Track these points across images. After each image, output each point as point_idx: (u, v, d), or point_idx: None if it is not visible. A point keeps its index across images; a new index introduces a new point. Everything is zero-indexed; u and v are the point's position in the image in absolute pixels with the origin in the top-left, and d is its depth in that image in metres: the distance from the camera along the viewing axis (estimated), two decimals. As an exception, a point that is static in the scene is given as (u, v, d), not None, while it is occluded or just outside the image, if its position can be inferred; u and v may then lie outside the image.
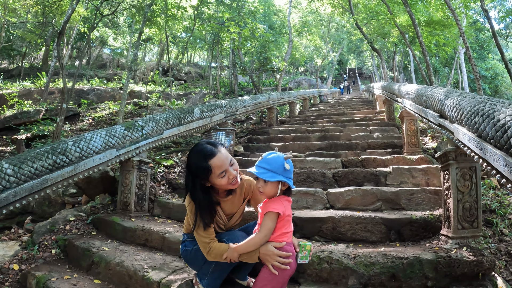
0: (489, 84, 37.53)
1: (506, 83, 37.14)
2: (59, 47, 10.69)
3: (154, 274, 3.29)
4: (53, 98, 16.84)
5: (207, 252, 2.55)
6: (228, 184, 2.60)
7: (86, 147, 4.40)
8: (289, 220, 2.50)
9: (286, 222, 2.47)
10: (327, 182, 5.52)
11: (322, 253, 3.23)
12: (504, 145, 2.25)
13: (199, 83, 30.22)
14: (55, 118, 11.39)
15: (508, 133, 2.20)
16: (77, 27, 24.75)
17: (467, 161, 3.45)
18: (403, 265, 3.03)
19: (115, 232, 4.65)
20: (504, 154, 2.27)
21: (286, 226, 2.47)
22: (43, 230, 4.80)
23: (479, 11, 28.69)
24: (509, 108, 2.33)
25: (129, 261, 3.58)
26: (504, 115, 2.30)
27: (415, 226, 3.93)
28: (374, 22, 22.82)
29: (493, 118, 2.42)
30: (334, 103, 21.06)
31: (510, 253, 3.59)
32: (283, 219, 2.44)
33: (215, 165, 2.51)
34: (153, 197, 5.62)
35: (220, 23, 16.24)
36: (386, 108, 10.22)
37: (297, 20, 36.17)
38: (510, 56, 40.53)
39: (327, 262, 3.15)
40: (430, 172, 5.20)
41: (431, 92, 4.22)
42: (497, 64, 38.28)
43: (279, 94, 12.70)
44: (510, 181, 2.21)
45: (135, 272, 3.38)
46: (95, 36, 31.41)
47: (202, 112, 6.82)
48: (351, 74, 59.23)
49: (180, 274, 3.28)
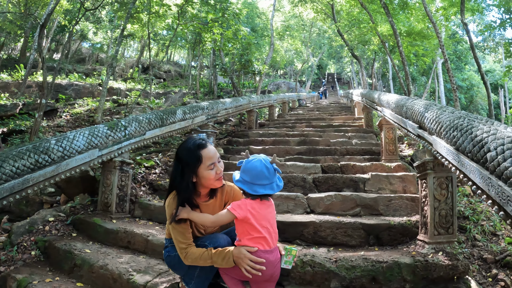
0: (464, 94, 38.46)
1: (481, 93, 38.10)
2: (41, 40, 10.53)
3: (139, 277, 3.29)
4: (31, 92, 16.44)
5: (184, 257, 2.53)
6: (215, 179, 2.60)
7: (69, 147, 4.34)
8: (254, 225, 2.44)
9: (250, 227, 2.45)
10: (307, 187, 5.63)
11: (305, 257, 3.34)
12: (480, 159, 2.43)
13: (178, 82, 29.97)
14: (33, 113, 11.16)
15: (484, 148, 2.37)
16: (58, 20, 24.33)
17: (444, 171, 3.63)
18: (383, 269, 3.19)
19: (97, 233, 4.60)
20: (480, 167, 2.44)
21: (254, 231, 2.45)
22: (22, 230, 4.68)
23: (458, 23, 29.45)
24: (486, 125, 2.51)
25: (113, 264, 3.56)
26: (481, 131, 2.48)
27: (393, 231, 4.11)
28: (355, 29, 23.16)
29: (471, 134, 2.59)
30: (313, 107, 21.21)
31: (482, 257, 3.80)
32: (246, 222, 2.45)
33: (206, 155, 2.55)
34: (134, 198, 5.58)
35: (204, 23, 16.21)
36: (365, 115, 10.43)
37: (280, 23, 36.42)
38: (486, 68, 41.64)
39: (310, 265, 3.28)
40: (407, 179, 5.39)
41: (411, 103, 4.39)
42: (473, 75, 39.26)
43: (259, 97, 12.73)
44: (485, 192, 2.38)
45: (119, 275, 3.36)
46: (76, 29, 30.94)
47: (184, 113, 6.81)
48: (330, 79, 59.50)
49: (165, 277, 3.30)
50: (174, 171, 2.64)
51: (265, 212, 2.50)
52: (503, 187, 2.12)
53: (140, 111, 13.47)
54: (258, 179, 2.46)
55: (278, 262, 2.47)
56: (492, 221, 4.38)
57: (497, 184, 2.18)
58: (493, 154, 2.25)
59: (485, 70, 31.53)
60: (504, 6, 14.06)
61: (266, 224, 2.48)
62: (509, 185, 2.08)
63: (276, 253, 2.48)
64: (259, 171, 2.45)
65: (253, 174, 2.46)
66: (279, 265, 2.48)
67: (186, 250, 2.53)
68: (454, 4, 15.83)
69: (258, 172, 2.45)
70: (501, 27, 14.69)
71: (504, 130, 2.34)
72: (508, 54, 15.41)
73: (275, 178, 2.54)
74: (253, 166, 2.47)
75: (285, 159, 7.20)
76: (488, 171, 2.33)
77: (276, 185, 2.52)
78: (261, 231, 2.43)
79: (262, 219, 2.46)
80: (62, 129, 10.85)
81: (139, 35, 26.97)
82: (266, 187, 2.47)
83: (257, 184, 2.46)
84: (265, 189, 2.46)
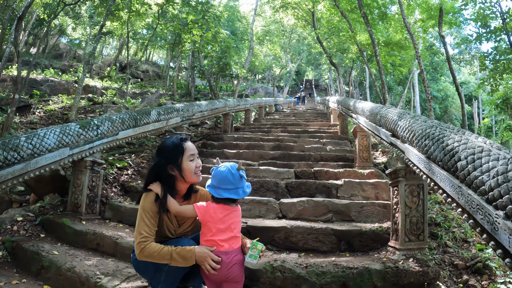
0: (439, 104, 39.36)
1: (455, 104, 39.03)
2: (17, 33, 10.25)
3: (107, 281, 3.22)
4: (5, 86, 16.09)
5: (140, 250, 2.51)
6: (194, 172, 2.72)
7: (39, 144, 4.22)
8: (213, 227, 2.61)
9: (208, 229, 2.62)
10: (280, 192, 5.62)
11: (275, 262, 3.32)
12: (451, 167, 2.45)
13: (156, 83, 29.72)
14: (5, 108, 10.92)
15: (455, 157, 2.39)
16: (36, 13, 23.84)
17: (416, 178, 3.67)
18: (353, 275, 3.19)
19: (66, 235, 4.49)
20: (450, 175, 2.46)
21: (211, 233, 2.60)
22: (-11, 230, 4.52)
23: (436, 36, 30.03)
24: (458, 134, 2.54)
25: (81, 267, 3.46)
26: (452, 141, 2.50)
27: (365, 237, 4.13)
28: (335, 37, 23.45)
29: (443, 143, 2.62)
30: (289, 113, 21.31)
31: (453, 263, 3.86)
32: (205, 223, 2.63)
33: (188, 147, 2.72)
34: (105, 199, 5.49)
35: (184, 24, 16.12)
36: (340, 122, 10.52)
37: (260, 28, 36.53)
38: (462, 80, 42.63)
39: (280, 271, 3.25)
40: (380, 186, 5.44)
41: (385, 111, 4.43)
42: (449, 86, 40.25)
43: (235, 100, 12.72)
44: (455, 200, 2.40)
45: (87, 278, 3.27)
46: (54, 24, 30.33)
47: (159, 114, 6.75)
48: (308, 85, 59.91)
49: (134, 282, 3.24)
50: (156, 166, 2.76)
51: (228, 217, 2.64)
52: (473, 195, 2.14)
53: (115, 111, 13.32)
54: (223, 183, 2.62)
55: (233, 265, 2.56)
56: (464, 228, 4.47)
57: (467, 192, 2.20)
58: (464, 163, 2.27)
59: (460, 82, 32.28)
60: (481, 21, 14.36)
61: (226, 228, 2.61)
62: (479, 194, 2.10)
63: (232, 256, 2.58)
64: (224, 176, 2.63)
65: (219, 179, 2.64)
66: (236, 268, 2.58)
67: (145, 243, 2.52)
68: (433, 17, 16.18)
69: (223, 177, 2.63)
70: (477, 40, 15.00)
71: (474, 140, 2.36)
72: (482, 67, 15.74)
73: (242, 184, 2.68)
74: (219, 172, 2.66)
75: (259, 163, 7.18)
76: (459, 180, 2.35)
77: (242, 191, 2.67)
78: (218, 234, 2.59)
79: (222, 223, 2.61)
80: (35, 126, 10.62)
81: (119, 33, 26.63)
82: (231, 192, 2.62)
83: (222, 188, 2.62)
84: (229, 193, 2.61)
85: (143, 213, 2.61)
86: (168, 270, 2.58)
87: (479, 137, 2.39)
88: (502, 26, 13.81)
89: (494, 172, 1.99)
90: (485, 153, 2.16)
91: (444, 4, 15.02)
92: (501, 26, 13.88)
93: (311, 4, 22.92)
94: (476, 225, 2.17)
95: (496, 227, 1.91)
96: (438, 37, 26.11)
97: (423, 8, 16.86)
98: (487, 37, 14.56)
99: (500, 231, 1.87)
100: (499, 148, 2.17)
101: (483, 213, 2.03)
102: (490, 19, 14.27)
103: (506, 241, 1.81)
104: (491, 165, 2.05)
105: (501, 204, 1.88)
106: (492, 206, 1.97)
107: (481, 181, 2.07)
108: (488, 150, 2.16)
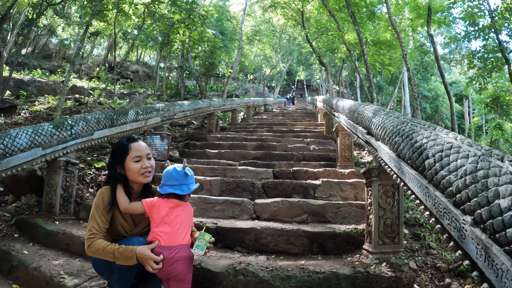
0: (430, 104, 39.51)
1: (446, 103, 39.10)
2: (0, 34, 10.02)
3: (70, 280, 3.20)
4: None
5: (88, 246, 2.57)
6: (140, 173, 2.76)
7: (11, 144, 4.15)
8: (158, 221, 2.67)
9: (154, 222, 2.70)
10: (256, 192, 5.46)
11: (239, 265, 3.18)
12: (419, 166, 2.24)
13: (146, 83, 29.53)
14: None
15: (423, 155, 2.18)
16: (25, 13, 23.54)
17: (390, 178, 3.45)
18: (319, 280, 3.01)
19: (38, 235, 4.45)
20: (419, 175, 2.25)
21: (156, 226, 2.67)
22: (-36, 229, 4.50)
23: (426, 35, 30.00)
24: (428, 130, 2.33)
25: (47, 266, 3.44)
26: (421, 137, 2.30)
27: (338, 239, 3.95)
28: (324, 37, 23.36)
29: (411, 139, 2.41)
30: (278, 113, 21.18)
31: (436, 266, 3.71)
32: (151, 216, 2.71)
33: (133, 148, 2.77)
34: (80, 200, 5.41)
35: (171, 24, 15.94)
36: (326, 121, 10.36)
37: (250, 28, 36.32)
38: (452, 80, 42.84)
39: (243, 274, 3.09)
40: (359, 186, 5.26)
41: (362, 109, 4.26)
42: (439, 85, 40.37)
43: (221, 100, 12.57)
44: (423, 203, 2.19)
45: (51, 277, 3.26)
46: (44, 24, 30.04)
47: (137, 114, 6.64)
48: (299, 85, 59.95)
49: (96, 281, 3.21)
50: (108, 165, 2.90)
51: (173, 211, 2.71)
52: (440, 198, 1.93)
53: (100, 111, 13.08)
54: (168, 180, 2.76)
55: (176, 261, 2.57)
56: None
57: (434, 194, 1.99)
58: (431, 161, 2.06)
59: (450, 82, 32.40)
60: (470, 19, 14.26)
61: (171, 223, 2.68)
62: (446, 196, 1.89)
63: (175, 252, 2.59)
64: (169, 174, 2.77)
65: (165, 176, 2.78)
66: (179, 265, 2.58)
67: (92, 239, 2.57)
68: (421, 16, 16.11)
69: (168, 174, 2.78)
70: (465, 38, 14.90)
71: (445, 136, 2.15)
72: (470, 65, 15.64)
73: (186, 181, 2.80)
74: (166, 170, 2.82)
75: (239, 163, 7.04)
76: (426, 180, 2.15)
77: (187, 187, 2.78)
78: (161, 226, 2.67)
79: (167, 217, 2.69)
80: (19, 127, 10.40)
81: (107, 33, 26.39)
82: (175, 188, 2.74)
83: (167, 185, 2.76)
84: (174, 189, 2.74)
85: (95, 210, 2.67)
86: (119, 269, 2.59)
87: (450, 133, 2.18)
88: (490, 24, 13.72)
89: (462, 171, 1.77)
90: (454, 150, 1.94)
91: (433, 3, 14.92)
92: (490, 24, 13.79)
93: (300, 4, 22.81)
94: (443, 231, 1.96)
95: (463, 235, 1.69)
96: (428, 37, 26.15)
97: (412, 7, 16.80)
98: (476, 35, 14.48)
99: (467, 239, 1.66)
100: (470, 144, 1.94)
101: (450, 218, 1.82)
102: (479, 17, 14.21)
103: (474, 251, 1.60)
104: (459, 163, 1.83)
105: (469, 208, 1.66)
106: (460, 210, 1.75)
107: (448, 181, 1.86)
108: (458, 147, 1.94)
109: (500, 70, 14.97)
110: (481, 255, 1.54)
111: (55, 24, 31.72)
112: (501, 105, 20.71)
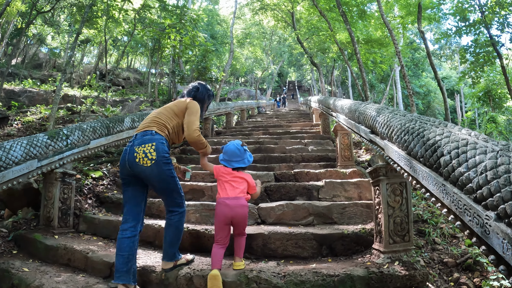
0: (422, 100, 39.71)
1: (438, 99, 39.42)
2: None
3: None
4: (-22, 99, 15.71)
5: (199, 134, 3.40)
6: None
7: (5, 157, 3.98)
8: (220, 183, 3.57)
9: (218, 182, 3.59)
10: (259, 196, 5.38)
11: (251, 273, 3.12)
12: (433, 164, 2.22)
13: (137, 90, 29.35)
14: (-22, 122, 10.59)
15: (437, 153, 2.16)
16: (14, 22, 23.37)
17: (398, 176, 3.45)
18: (334, 283, 2.98)
19: (37, 250, 4.29)
20: (433, 173, 2.23)
21: (219, 185, 3.57)
22: (-39, 246, 4.33)
23: (416, 32, 30.15)
24: (439, 127, 2.31)
25: (49, 284, 3.29)
26: (434, 134, 2.27)
27: (347, 240, 3.92)
28: (315, 37, 23.37)
29: (423, 137, 2.39)
30: (272, 114, 21.18)
31: (443, 261, 3.67)
32: (218, 179, 3.60)
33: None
34: (79, 211, 5.25)
35: (162, 29, 15.86)
36: (322, 121, 10.31)
37: (240, 31, 36.28)
38: (443, 75, 43.04)
39: (255, 282, 3.04)
40: (363, 185, 5.24)
41: (364, 108, 4.23)
42: (430, 81, 40.65)
43: (215, 104, 12.51)
44: (439, 200, 2.17)
45: None
46: (33, 33, 29.82)
47: (133, 121, 6.52)
48: (291, 86, 59.97)
49: None
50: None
51: (232, 177, 3.53)
52: (459, 194, 1.91)
53: (94, 120, 12.97)
54: (234, 157, 3.59)
55: (236, 207, 3.36)
56: (452, 224, 4.26)
57: (452, 191, 1.97)
58: (447, 158, 2.04)
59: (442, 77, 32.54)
60: (460, 15, 14.33)
61: (227, 185, 3.49)
62: (466, 192, 1.87)
63: (234, 201, 3.39)
64: (233, 151, 3.59)
65: (230, 154, 3.59)
66: (238, 210, 3.36)
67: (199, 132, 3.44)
68: (412, 13, 16.12)
69: (232, 152, 3.59)
70: (456, 34, 14.97)
71: (458, 132, 2.14)
72: (463, 60, 15.73)
73: (245, 156, 3.64)
74: (229, 148, 3.62)
75: (239, 167, 6.90)
76: (443, 177, 2.12)
77: (247, 160, 3.63)
78: (222, 186, 3.52)
79: (226, 182, 3.51)
80: (12, 138, 10.25)
81: (97, 41, 26.24)
82: (239, 162, 3.58)
83: (233, 161, 3.58)
84: (239, 164, 3.57)
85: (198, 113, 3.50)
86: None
87: (462, 129, 2.16)
88: (481, 19, 13.81)
89: (482, 167, 1.75)
90: (471, 146, 1.92)
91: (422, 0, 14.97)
92: (480, 19, 13.88)
93: (290, 5, 22.84)
94: (464, 228, 1.94)
95: (487, 230, 1.67)
96: (418, 34, 26.27)
97: (402, 5, 16.81)
98: (467, 30, 14.57)
99: (491, 234, 1.64)
100: (485, 140, 1.93)
101: (472, 214, 1.80)
102: (469, 12, 14.29)
103: (500, 246, 1.58)
104: (478, 160, 1.81)
105: (491, 204, 1.64)
106: (482, 206, 1.73)
107: (468, 178, 1.84)
108: (474, 143, 1.93)
109: (492, 64, 15.06)
110: (507, 249, 1.52)
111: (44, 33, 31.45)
112: (493, 98, 20.86)
